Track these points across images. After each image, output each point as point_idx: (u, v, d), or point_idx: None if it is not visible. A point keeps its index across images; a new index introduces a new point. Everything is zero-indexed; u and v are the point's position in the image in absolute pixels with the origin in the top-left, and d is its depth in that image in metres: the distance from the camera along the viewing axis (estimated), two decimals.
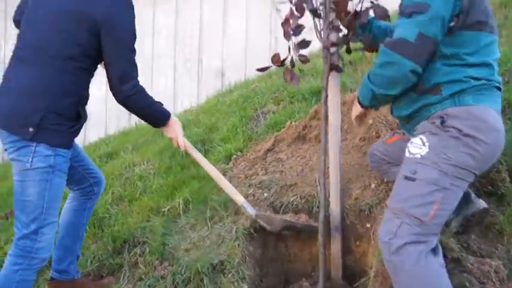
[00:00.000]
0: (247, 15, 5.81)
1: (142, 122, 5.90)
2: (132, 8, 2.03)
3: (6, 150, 1.95)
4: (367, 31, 2.21)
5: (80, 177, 2.28)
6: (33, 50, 1.94)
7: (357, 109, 2.07)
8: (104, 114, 6.09)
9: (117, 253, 2.69)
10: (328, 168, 2.35)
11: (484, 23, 1.77)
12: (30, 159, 1.87)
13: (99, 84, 6.03)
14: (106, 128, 6.07)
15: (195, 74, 5.98)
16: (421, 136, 1.81)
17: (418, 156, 1.79)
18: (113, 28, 1.93)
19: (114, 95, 2.04)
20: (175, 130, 2.29)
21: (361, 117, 2.16)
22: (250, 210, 2.50)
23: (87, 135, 5.78)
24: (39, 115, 1.86)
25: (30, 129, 1.86)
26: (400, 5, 1.84)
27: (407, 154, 1.84)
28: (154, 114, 2.18)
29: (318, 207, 2.50)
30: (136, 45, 1.97)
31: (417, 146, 1.80)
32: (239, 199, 2.53)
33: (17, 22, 2.15)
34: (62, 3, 1.95)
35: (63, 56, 1.92)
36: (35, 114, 1.86)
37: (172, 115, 2.28)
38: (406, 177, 1.80)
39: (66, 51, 1.92)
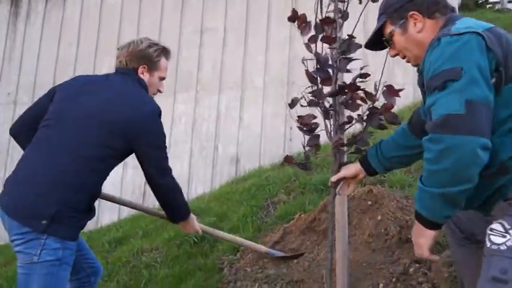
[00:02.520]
0: (263, 105, 6.03)
1: (155, 205, 5.89)
2: (158, 113, 2.08)
3: (13, 241, 1.90)
4: (379, 161, 1.98)
5: (79, 267, 2.22)
6: (57, 145, 1.96)
7: (426, 236, 1.51)
8: None
9: None
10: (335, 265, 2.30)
11: None
12: (39, 252, 1.84)
13: (115, 168, 6.23)
14: (120, 211, 6.11)
15: (210, 160, 6.09)
16: (502, 221, 1.47)
17: (504, 247, 1.43)
18: (142, 134, 2.01)
19: (154, 188, 2.11)
20: (193, 226, 2.38)
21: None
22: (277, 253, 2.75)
23: (101, 218, 5.81)
24: (54, 208, 1.85)
25: (44, 222, 1.83)
26: (426, 81, 1.51)
27: (488, 244, 1.47)
28: (181, 205, 2.25)
29: None
30: None
31: (499, 234, 1.46)
32: (263, 249, 2.77)
33: (16, 134, 2.16)
34: (87, 111, 2.00)
35: (92, 156, 1.95)
36: (49, 206, 1.85)
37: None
38: (496, 279, 1.42)
39: (96, 152, 1.95)
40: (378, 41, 1.79)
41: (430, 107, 1.44)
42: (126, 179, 6.26)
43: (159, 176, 2.08)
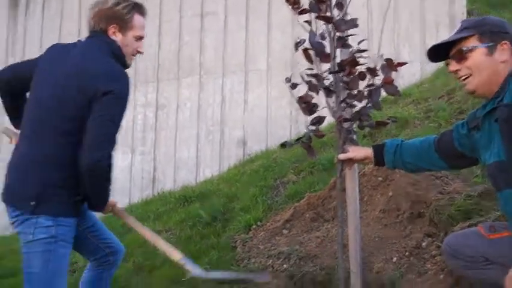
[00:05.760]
0: (267, 88, 6.03)
1: (165, 190, 5.90)
2: (116, 77, 1.97)
3: (12, 224, 1.98)
4: (394, 160, 2.04)
5: (95, 248, 2.27)
6: (35, 124, 1.99)
7: None
8: (128, 183, 6.23)
9: None
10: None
11: None
12: (33, 231, 1.90)
13: (123, 154, 6.24)
14: (130, 196, 6.17)
15: (217, 144, 6.12)
16: None
17: None
18: (105, 95, 1.89)
19: (80, 160, 1.89)
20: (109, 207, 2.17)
21: None
22: (194, 270, 2.12)
23: None
24: (37, 189, 1.90)
25: (32, 203, 1.89)
26: None
27: None
28: (106, 193, 2.04)
29: (338, 279, 2.45)
30: (162, 118, 1.98)
31: None
32: (176, 256, 2.19)
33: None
34: (62, 78, 1.98)
35: (60, 131, 1.95)
36: (34, 188, 1.91)
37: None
38: None
39: (62, 127, 1.95)
40: (440, 52, 1.80)
41: None
42: (135, 165, 6.30)
43: (90, 148, 1.87)
